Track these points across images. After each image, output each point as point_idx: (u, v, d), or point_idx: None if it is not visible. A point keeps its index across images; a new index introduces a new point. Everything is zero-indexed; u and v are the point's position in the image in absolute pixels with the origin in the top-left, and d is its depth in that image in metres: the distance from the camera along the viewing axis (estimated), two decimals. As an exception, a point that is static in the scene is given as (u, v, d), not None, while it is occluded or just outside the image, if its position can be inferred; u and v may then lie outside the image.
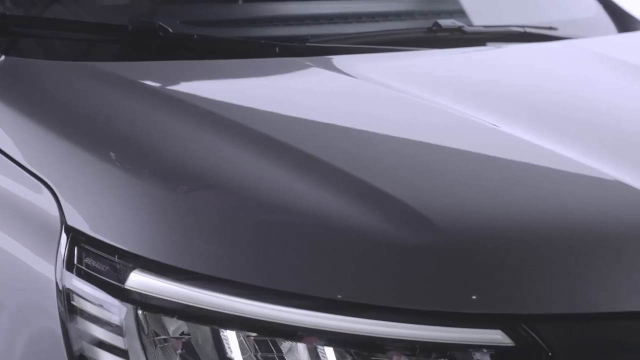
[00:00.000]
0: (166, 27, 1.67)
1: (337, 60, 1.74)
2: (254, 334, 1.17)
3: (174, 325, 1.19)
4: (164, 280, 1.19)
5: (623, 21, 2.10)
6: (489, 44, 1.92)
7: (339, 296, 1.16)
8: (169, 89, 1.59)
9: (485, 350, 1.14)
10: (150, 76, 1.62)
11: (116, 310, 1.20)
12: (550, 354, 1.12)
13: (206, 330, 1.18)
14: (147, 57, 1.68)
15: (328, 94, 1.63)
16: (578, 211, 1.26)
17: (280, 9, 1.91)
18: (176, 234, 1.21)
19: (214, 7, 1.90)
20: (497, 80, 1.75)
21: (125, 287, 1.20)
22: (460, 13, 2.04)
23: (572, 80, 1.77)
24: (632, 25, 2.09)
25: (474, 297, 1.15)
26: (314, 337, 1.16)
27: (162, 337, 1.19)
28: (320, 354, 1.16)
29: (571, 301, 1.16)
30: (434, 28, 1.86)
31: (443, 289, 1.17)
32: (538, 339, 1.13)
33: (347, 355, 1.16)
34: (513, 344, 1.13)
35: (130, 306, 1.20)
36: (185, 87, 1.63)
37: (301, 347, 1.16)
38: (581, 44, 1.94)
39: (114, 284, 1.21)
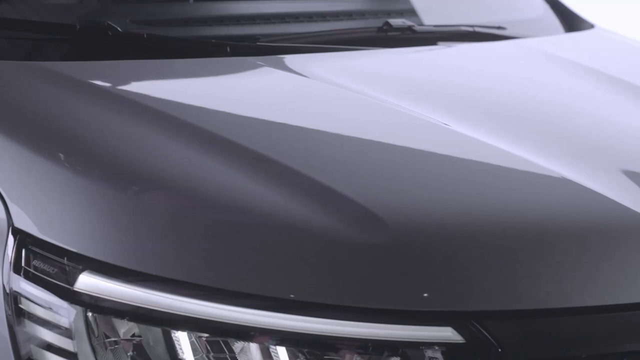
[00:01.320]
0: (115, 26, 1.65)
1: (289, 59, 1.74)
2: (206, 335, 1.16)
3: (124, 327, 1.18)
4: (114, 282, 1.17)
5: (570, 21, 2.13)
6: (440, 43, 1.93)
7: (292, 296, 1.16)
8: (118, 89, 1.58)
9: (436, 348, 1.15)
10: (99, 76, 1.60)
11: (65, 313, 1.19)
12: (499, 350, 1.13)
13: (157, 331, 1.17)
14: (95, 56, 1.66)
15: (280, 94, 1.63)
16: (527, 209, 1.27)
17: (231, 9, 1.90)
18: (126, 235, 1.20)
19: (165, 7, 1.88)
20: (448, 79, 1.76)
21: (74, 289, 1.19)
22: (411, 13, 2.05)
23: (521, 79, 1.79)
24: (579, 25, 2.13)
25: (425, 295, 1.16)
26: (266, 337, 1.15)
27: (113, 339, 1.18)
28: (272, 353, 1.16)
29: (520, 297, 1.17)
30: (384, 27, 1.87)
31: (395, 287, 1.17)
32: (488, 335, 1.14)
33: (300, 355, 1.16)
34: (463, 341, 1.14)
35: (79, 308, 1.18)
36: (135, 87, 1.62)
37: (253, 347, 1.16)
38: (529, 44, 1.96)
39: (62, 286, 1.19)
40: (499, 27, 1.98)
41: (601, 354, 1.16)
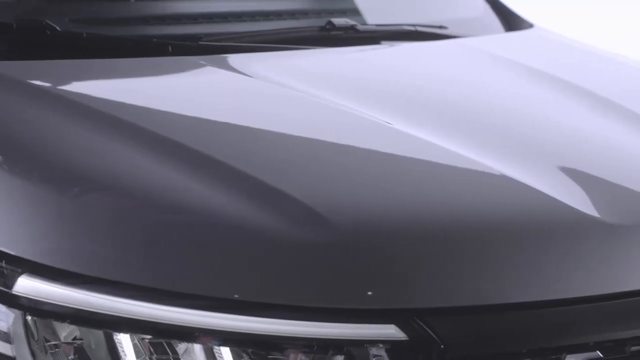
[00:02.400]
0: (54, 25, 1.63)
1: (232, 59, 1.73)
2: (149, 337, 1.15)
3: (65, 330, 1.17)
4: (54, 285, 1.16)
5: (510, 20, 2.16)
6: (382, 42, 1.94)
7: (236, 295, 1.16)
8: (57, 89, 1.55)
9: (381, 345, 1.16)
10: (37, 76, 1.57)
11: (3, 317, 1.17)
12: (442, 346, 1.14)
13: (99, 334, 1.16)
14: (33, 56, 1.64)
15: (223, 93, 1.62)
16: (467, 206, 1.29)
17: (173, 8, 1.88)
18: (65, 237, 1.18)
19: (105, 5, 1.86)
20: (391, 78, 1.77)
21: (13, 292, 1.17)
22: (354, 12, 2.06)
23: (463, 78, 1.81)
24: (519, 25, 2.15)
25: (368, 293, 1.16)
26: (210, 337, 1.15)
27: (53, 342, 1.16)
28: (216, 354, 1.15)
29: (462, 294, 1.18)
30: (327, 27, 1.87)
31: (339, 286, 1.18)
32: (430, 332, 1.15)
33: (244, 355, 1.15)
34: (407, 338, 1.15)
35: (18, 312, 1.16)
36: (74, 87, 1.59)
37: (197, 348, 1.15)
38: (471, 43, 1.99)
39: (0, 290, 1.17)
40: (440, 27, 2.00)
41: (541, 348, 1.18)
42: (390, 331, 1.15)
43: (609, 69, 1.97)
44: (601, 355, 1.19)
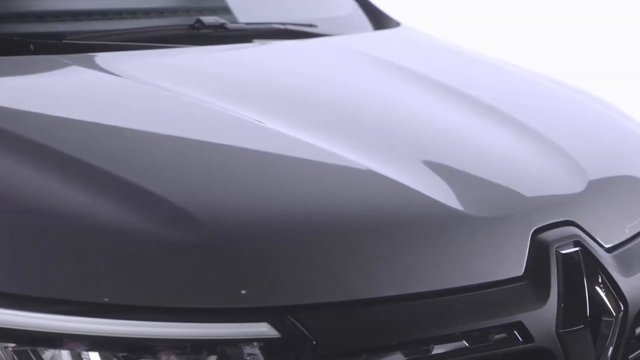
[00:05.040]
0: None
1: (99, 58, 1.69)
2: (12, 345, 1.12)
3: None
4: None
5: (378, 19, 2.20)
6: (253, 41, 1.94)
7: (105, 299, 1.14)
8: None
9: (254, 344, 1.16)
10: None
11: None
12: (314, 342, 1.15)
13: (-40, 344, 1.11)
14: None
15: (88, 93, 1.58)
16: (336, 203, 1.30)
17: (35, 5, 1.82)
18: None
19: (-38, 2, 1.79)
20: (262, 77, 1.77)
21: None
22: (224, 10, 2.05)
23: (333, 76, 1.83)
24: (386, 23, 2.20)
25: (240, 292, 1.16)
26: (78, 342, 1.12)
27: None
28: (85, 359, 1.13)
29: (333, 290, 1.20)
30: (196, 25, 1.86)
31: (210, 286, 1.17)
32: (302, 328, 1.16)
33: (114, 359, 1.13)
34: (279, 335, 1.15)
35: None
36: None
37: (65, 355, 1.13)
38: (340, 41, 2.01)
39: None
40: (310, 25, 2.01)
41: (410, 340, 1.21)
42: (262, 329, 1.16)
43: (473, 66, 2.03)
44: (467, 345, 1.23)
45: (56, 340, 1.12)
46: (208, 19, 1.88)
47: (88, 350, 1.12)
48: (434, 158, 1.46)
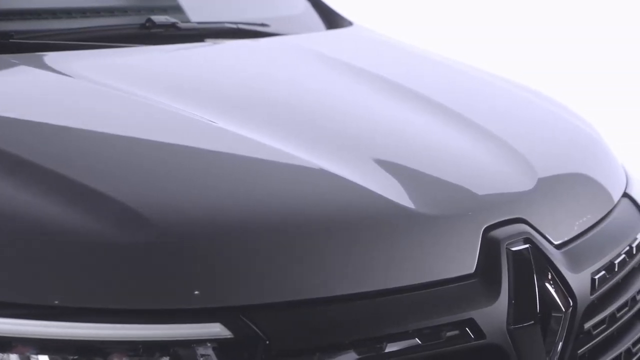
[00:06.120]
0: None
1: (47, 57, 1.67)
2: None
3: None
4: None
5: (330, 19, 2.20)
6: (205, 40, 1.93)
7: (55, 302, 1.12)
8: None
9: (208, 344, 1.15)
10: None
11: None
12: (267, 342, 1.15)
13: None
14: None
15: (37, 93, 1.56)
16: (288, 202, 1.30)
17: (-20, 3, 1.80)
18: None
19: None
20: (214, 76, 1.77)
21: None
22: (176, 10, 2.04)
23: (285, 75, 1.83)
24: (339, 23, 2.20)
25: (193, 292, 1.16)
26: (28, 346, 1.11)
27: None
28: (35, 363, 1.11)
29: (285, 289, 1.20)
30: (147, 24, 1.84)
31: (162, 287, 1.16)
32: (255, 328, 1.16)
33: (66, 362, 1.12)
34: (232, 336, 1.15)
35: None
36: None
37: (14, 358, 1.11)
38: (292, 40, 2.01)
39: None
40: (262, 24, 2.01)
41: (363, 338, 1.21)
42: (215, 329, 1.15)
43: (424, 66, 2.05)
44: (420, 342, 1.23)
45: (5, 344, 1.10)
46: (159, 18, 1.87)
47: (38, 353, 1.11)
48: (386, 157, 1.47)
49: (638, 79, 3.83)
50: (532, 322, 1.33)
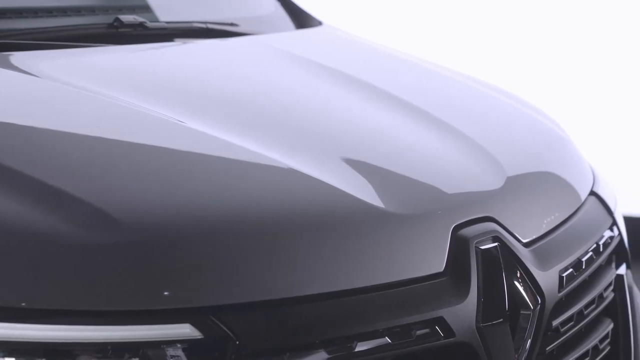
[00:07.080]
0: None
1: (13, 57, 1.65)
2: None
3: None
4: None
5: (300, 18, 2.20)
6: (174, 40, 1.93)
7: (22, 304, 1.11)
8: None
9: (178, 345, 1.15)
10: None
11: None
12: (237, 342, 1.15)
13: None
14: None
15: (3, 93, 1.55)
16: (259, 201, 1.30)
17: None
18: None
19: None
20: (183, 76, 1.76)
21: None
22: (144, 9, 2.03)
23: (254, 75, 1.83)
24: (308, 22, 2.20)
25: (162, 293, 1.15)
26: None
27: None
28: (2, 366, 1.10)
29: (255, 290, 1.20)
30: (115, 24, 1.83)
31: (131, 288, 1.16)
32: (225, 329, 1.15)
33: (33, 365, 1.11)
34: (202, 336, 1.15)
35: None
36: None
37: (-20, 362, 1.10)
38: (261, 40, 2.01)
39: None
40: (231, 24, 2.01)
41: (333, 337, 1.21)
42: (185, 330, 1.15)
43: (393, 65, 2.05)
44: (390, 341, 1.24)
45: None
46: (127, 18, 1.85)
47: (5, 356, 1.10)
48: (355, 156, 1.47)
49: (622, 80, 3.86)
50: (501, 320, 1.34)
